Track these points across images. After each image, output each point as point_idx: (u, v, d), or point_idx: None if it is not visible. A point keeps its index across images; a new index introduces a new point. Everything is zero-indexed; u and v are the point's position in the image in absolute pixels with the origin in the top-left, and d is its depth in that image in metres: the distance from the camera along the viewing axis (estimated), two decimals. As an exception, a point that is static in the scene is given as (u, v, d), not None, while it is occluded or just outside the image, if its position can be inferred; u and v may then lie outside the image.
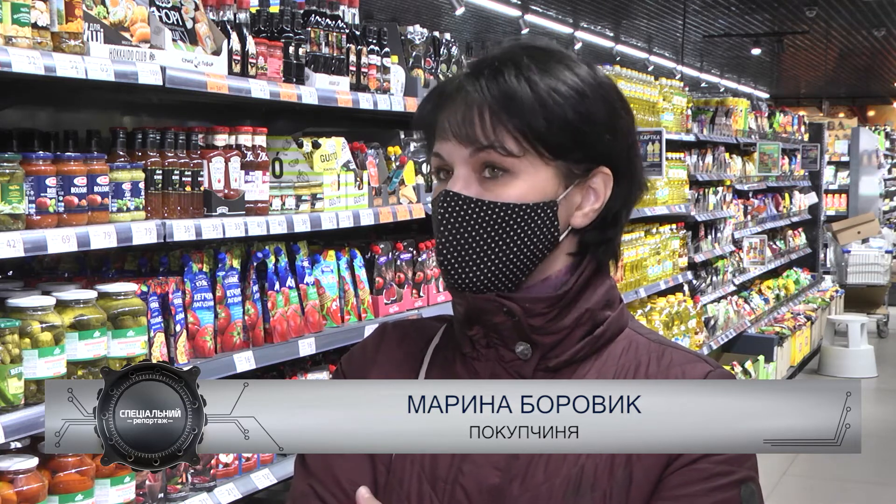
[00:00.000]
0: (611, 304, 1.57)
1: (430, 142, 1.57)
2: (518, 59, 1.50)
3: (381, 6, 13.31)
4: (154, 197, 3.12)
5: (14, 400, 2.60)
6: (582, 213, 1.54)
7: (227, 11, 3.37)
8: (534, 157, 1.49)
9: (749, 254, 10.83)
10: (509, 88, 1.48)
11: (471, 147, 1.49)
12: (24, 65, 2.52)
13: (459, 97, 1.51)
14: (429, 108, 1.56)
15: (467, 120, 1.49)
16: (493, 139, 1.48)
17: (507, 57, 1.52)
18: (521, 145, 1.48)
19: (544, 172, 1.50)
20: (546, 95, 1.48)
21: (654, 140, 6.90)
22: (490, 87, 1.49)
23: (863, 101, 27.06)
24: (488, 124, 1.48)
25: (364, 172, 4.10)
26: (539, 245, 1.51)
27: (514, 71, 1.49)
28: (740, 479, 1.49)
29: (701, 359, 1.56)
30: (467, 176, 1.50)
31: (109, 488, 2.89)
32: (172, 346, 3.16)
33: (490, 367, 1.55)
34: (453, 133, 1.50)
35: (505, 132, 1.47)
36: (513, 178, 1.49)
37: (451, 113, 1.51)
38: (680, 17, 13.39)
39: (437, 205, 1.52)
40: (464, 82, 1.51)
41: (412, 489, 1.53)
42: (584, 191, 1.53)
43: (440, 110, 1.53)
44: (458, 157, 1.50)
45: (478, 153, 1.49)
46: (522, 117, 1.47)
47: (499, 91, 1.48)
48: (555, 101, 1.48)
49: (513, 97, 1.47)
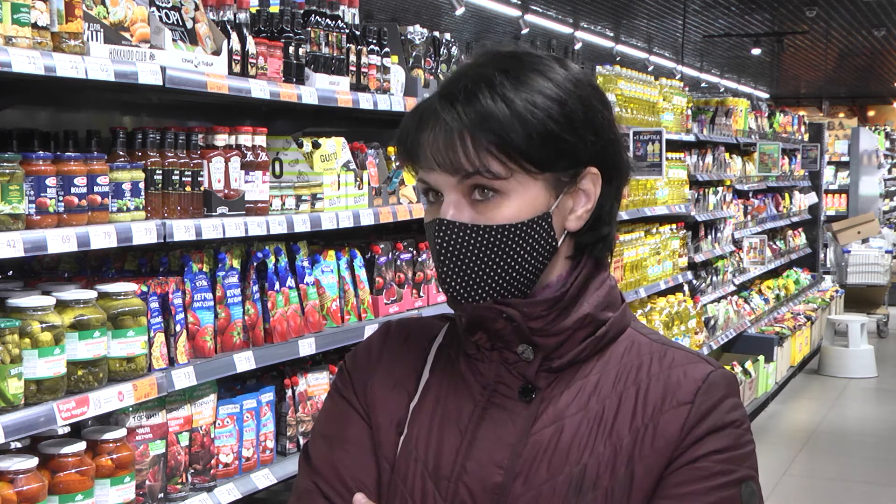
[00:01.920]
0: (612, 304, 1.57)
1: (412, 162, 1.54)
2: (490, 77, 1.47)
3: (381, 6, 13.30)
4: (154, 197, 3.12)
5: (14, 400, 2.60)
6: (576, 217, 1.54)
7: (227, 11, 3.37)
8: (521, 175, 1.47)
9: (749, 254, 10.83)
10: (486, 110, 1.45)
11: (457, 175, 1.47)
12: (24, 65, 2.52)
13: (438, 125, 1.48)
14: (409, 132, 1.52)
15: (449, 148, 1.47)
16: (478, 164, 1.46)
17: (478, 76, 1.48)
18: (506, 166, 1.46)
19: (534, 187, 1.49)
20: (524, 111, 1.45)
21: (654, 140, 6.90)
22: (466, 111, 1.46)
23: (863, 101, 27.05)
24: (471, 150, 1.46)
25: (364, 172, 4.10)
26: (539, 258, 1.51)
27: (488, 91, 1.46)
28: (740, 477, 1.49)
29: (702, 359, 1.56)
30: (458, 201, 1.49)
31: (109, 488, 2.89)
32: (172, 346, 3.16)
33: (494, 368, 1.55)
34: (437, 163, 1.48)
35: (488, 155, 1.46)
36: (503, 198, 1.48)
37: (430, 144, 1.48)
38: (680, 17, 13.39)
39: (433, 232, 1.51)
40: (439, 109, 1.48)
41: (416, 487, 1.54)
42: (574, 195, 1.53)
43: (419, 137, 1.50)
44: (445, 184, 1.49)
45: (465, 180, 1.48)
46: (504, 137, 1.45)
47: (475, 114, 1.45)
48: (534, 115, 1.46)
49: (490, 118, 1.45)
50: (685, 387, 1.51)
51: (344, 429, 1.61)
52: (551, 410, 1.52)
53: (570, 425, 1.51)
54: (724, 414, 1.50)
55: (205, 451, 3.33)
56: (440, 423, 1.56)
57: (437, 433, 1.55)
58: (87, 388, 2.81)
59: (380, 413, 1.60)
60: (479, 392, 1.55)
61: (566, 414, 1.51)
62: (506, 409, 1.53)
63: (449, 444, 1.54)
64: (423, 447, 1.55)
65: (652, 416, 1.50)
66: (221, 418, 3.45)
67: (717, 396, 1.51)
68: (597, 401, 1.52)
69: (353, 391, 1.64)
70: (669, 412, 1.49)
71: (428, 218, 1.54)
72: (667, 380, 1.52)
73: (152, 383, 2.99)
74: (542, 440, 1.50)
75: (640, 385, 1.52)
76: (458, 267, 1.50)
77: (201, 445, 3.31)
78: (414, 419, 1.58)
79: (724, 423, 1.50)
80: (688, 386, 1.51)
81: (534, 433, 1.51)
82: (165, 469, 3.18)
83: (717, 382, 1.52)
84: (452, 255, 1.50)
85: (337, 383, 1.68)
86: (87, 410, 2.77)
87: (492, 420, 1.53)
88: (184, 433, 3.25)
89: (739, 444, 1.50)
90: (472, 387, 1.56)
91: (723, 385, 1.52)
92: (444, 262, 1.51)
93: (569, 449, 1.49)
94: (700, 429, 1.49)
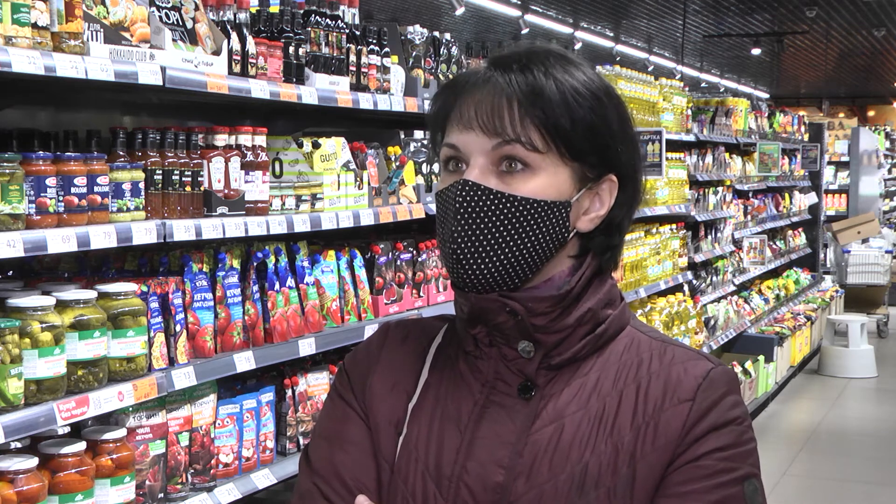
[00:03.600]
0: (612, 302, 1.58)
1: (439, 132, 1.56)
2: (543, 58, 1.52)
3: (381, 6, 13.31)
4: (154, 197, 3.11)
5: (14, 400, 2.60)
6: (588, 218, 1.55)
7: (227, 11, 3.37)
8: (555, 156, 1.50)
9: (749, 254, 10.83)
10: (538, 84, 1.49)
11: (496, 139, 1.49)
12: (24, 65, 2.52)
13: (487, 88, 1.51)
14: (448, 97, 1.55)
15: (497, 111, 1.49)
16: (521, 133, 1.48)
17: (532, 54, 1.53)
18: (546, 142, 1.49)
19: (563, 172, 1.51)
20: (571, 98, 1.50)
21: (654, 140, 6.90)
22: (519, 81, 1.49)
23: (863, 101, 27.06)
24: (517, 117, 1.49)
25: (364, 172, 4.10)
26: (550, 243, 1.52)
27: (542, 67, 1.51)
28: (743, 475, 1.49)
29: (703, 356, 1.56)
30: (484, 167, 1.50)
31: (109, 488, 2.89)
32: (172, 346, 3.16)
33: (493, 365, 1.55)
34: (479, 123, 1.49)
35: (532, 127, 1.48)
36: (532, 173, 1.49)
37: (476, 103, 1.50)
38: (680, 17, 13.39)
39: (454, 193, 1.50)
40: (492, 73, 1.52)
41: (417, 487, 1.54)
42: (592, 196, 1.55)
43: (461, 100, 1.52)
44: (477, 147, 1.50)
45: (502, 146, 1.49)
46: (550, 114, 1.48)
47: (527, 86, 1.49)
48: (578, 102, 1.50)
49: (541, 93, 1.49)
50: (686, 384, 1.51)
51: (344, 430, 1.61)
52: (551, 408, 1.52)
53: (571, 424, 1.50)
54: (726, 411, 1.50)
55: (205, 451, 3.33)
56: (440, 422, 1.56)
57: (437, 433, 1.55)
58: (87, 388, 2.81)
59: (379, 414, 1.60)
60: (479, 390, 1.55)
61: (566, 412, 1.51)
62: (505, 406, 1.53)
63: (449, 443, 1.54)
64: (423, 447, 1.55)
65: (653, 414, 1.50)
66: (221, 418, 3.45)
67: (718, 393, 1.51)
68: (597, 399, 1.52)
69: (352, 392, 1.64)
70: (670, 410, 1.49)
71: (446, 183, 1.53)
72: (667, 377, 1.52)
73: (152, 383, 2.99)
74: (542, 439, 1.50)
75: (641, 383, 1.52)
76: (471, 230, 1.49)
77: (201, 445, 3.31)
78: (413, 419, 1.58)
79: (725, 420, 1.50)
80: (688, 383, 1.51)
81: (534, 432, 1.51)
82: (165, 469, 3.18)
83: (718, 379, 1.52)
84: (469, 217, 1.49)
85: (336, 384, 1.68)
86: (87, 410, 2.77)
87: (491, 418, 1.53)
88: (184, 433, 3.25)
89: (741, 442, 1.50)
90: (472, 385, 1.56)
91: (723, 382, 1.52)
92: (459, 221, 1.49)
93: (570, 448, 1.49)
94: (701, 426, 1.49)
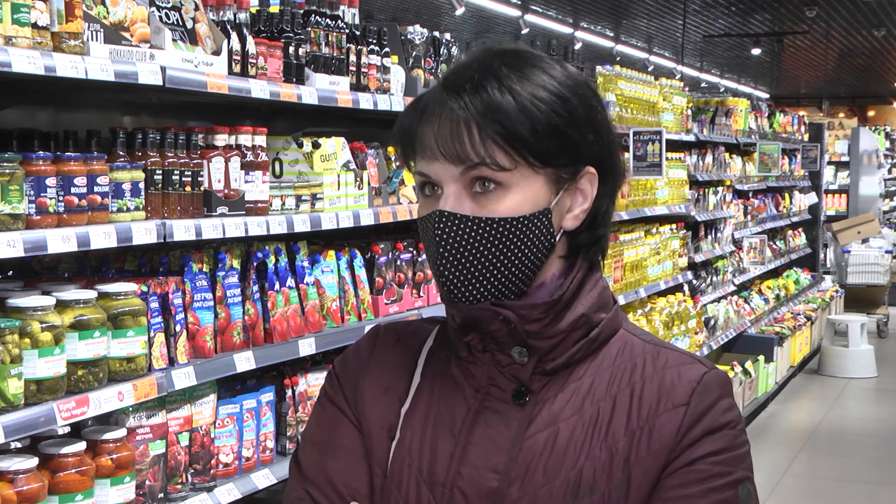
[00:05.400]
0: (605, 306, 1.56)
1: (408, 156, 1.54)
2: (496, 70, 1.48)
3: (381, 6, 13.30)
4: (154, 197, 3.12)
5: (14, 400, 2.60)
6: (572, 216, 1.53)
7: (227, 11, 3.37)
8: (524, 168, 1.47)
9: (749, 254, 10.82)
10: (493, 101, 1.45)
11: (461, 165, 1.46)
12: (24, 65, 2.52)
13: (444, 114, 1.47)
14: (408, 125, 1.52)
15: (455, 138, 1.46)
16: (484, 155, 1.45)
17: (484, 68, 1.49)
18: (511, 158, 1.46)
19: (535, 182, 1.48)
20: (530, 104, 1.45)
21: (654, 140, 6.89)
22: (473, 101, 1.45)
23: (863, 101, 27.05)
24: (477, 140, 1.45)
25: (364, 172, 4.10)
26: (538, 253, 1.50)
27: (496, 82, 1.46)
28: (737, 479, 1.49)
29: (696, 360, 1.55)
30: (458, 192, 1.48)
31: (109, 488, 2.89)
32: (172, 346, 3.16)
33: (487, 370, 1.54)
34: (442, 152, 1.47)
35: (494, 146, 1.45)
36: (505, 191, 1.47)
37: (434, 132, 1.47)
38: (680, 17, 13.39)
39: (432, 224, 1.49)
40: (445, 99, 1.48)
41: (410, 493, 1.52)
42: (572, 193, 1.53)
43: (421, 129, 1.50)
44: (446, 175, 1.48)
45: (469, 171, 1.46)
46: (511, 129, 1.45)
47: (483, 105, 1.45)
48: (538, 108, 1.46)
49: (497, 109, 1.45)
50: (680, 388, 1.50)
51: (335, 435, 1.59)
52: (545, 413, 1.51)
53: (566, 429, 1.50)
54: (720, 415, 1.50)
55: (205, 451, 3.33)
56: (433, 427, 1.54)
57: (431, 438, 1.53)
58: (87, 388, 2.81)
59: (371, 418, 1.58)
60: (472, 395, 1.54)
61: (561, 417, 1.50)
62: (499, 412, 1.52)
63: (443, 448, 1.52)
64: (417, 452, 1.53)
65: (647, 419, 1.49)
66: (221, 418, 3.45)
67: (712, 398, 1.50)
68: (591, 403, 1.51)
69: (342, 396, 1.62)
70: (665, 414, 1.49)
71: (424, 211, 1.51)
72: (661, 381, 1.51)
73: (152, 383, 2.99)
74: (537, 444, 1.49)
75: (635, 387, 1.51)
76: (456, 260, 1.48)
77: (201, 445, 3.31)
78: (406, 424, 1.56)
79: (719, 424, 1.49)
80: (682, 387, 1.50)
81: (528, 437, 1.50)
82: (165, 469, 3.18)
83: (712, 383, 1.51)
84: (451, 247, 1.48)
85: (326, 389, 1.65)
86: (87, 410, 2.77)
87: (485, 423, 1.52)
88: (184, 433, 3.25)
89: (735, 446, 1.50)
90: (465, 390, 1.55)
91: (717, 386, 1.52)
92: (442, 254, 1.48)
93: (564, 453, 1.48)
94: (696, 431, 1.48)
